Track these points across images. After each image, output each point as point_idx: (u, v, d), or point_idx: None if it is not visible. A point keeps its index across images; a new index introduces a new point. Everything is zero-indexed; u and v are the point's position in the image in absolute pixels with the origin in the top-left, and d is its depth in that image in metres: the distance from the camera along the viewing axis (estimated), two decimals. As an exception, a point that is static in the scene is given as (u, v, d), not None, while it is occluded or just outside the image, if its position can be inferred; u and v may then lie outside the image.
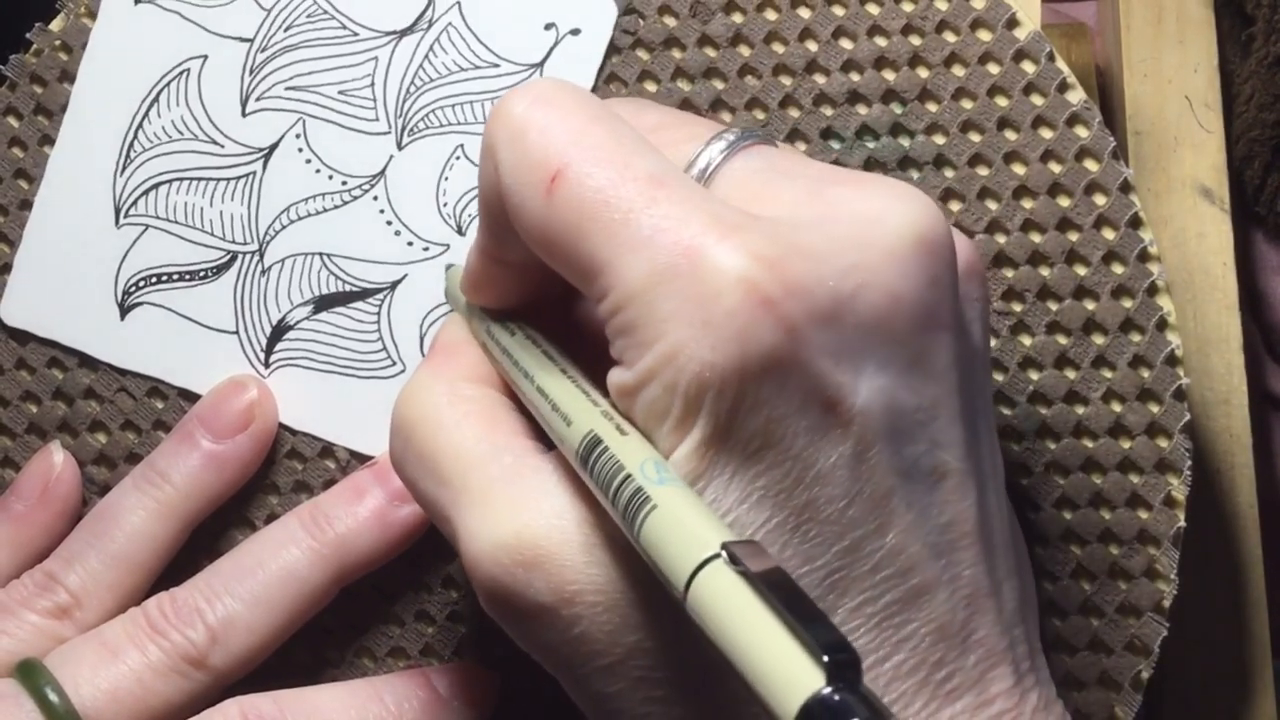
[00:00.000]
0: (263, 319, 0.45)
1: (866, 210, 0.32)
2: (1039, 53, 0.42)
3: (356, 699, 0.42)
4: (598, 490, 0.32)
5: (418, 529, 0.43)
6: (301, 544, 0.43)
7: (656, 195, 0.32)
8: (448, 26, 0.44)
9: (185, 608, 0.42)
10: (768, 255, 0.31)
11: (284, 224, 0.45)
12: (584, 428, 0.32)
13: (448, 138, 0.44)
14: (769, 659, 0.27)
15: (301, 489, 0.45)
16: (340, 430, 0.45)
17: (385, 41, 0.45)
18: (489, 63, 0.44)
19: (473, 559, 0.33)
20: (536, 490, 0.34)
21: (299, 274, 0.45)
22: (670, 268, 0.31)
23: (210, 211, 0.45)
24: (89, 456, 0.46)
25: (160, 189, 0.45)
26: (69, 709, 0.40)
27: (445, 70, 0.44)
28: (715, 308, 0.31)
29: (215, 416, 0.44)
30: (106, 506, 0.44)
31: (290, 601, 0.42)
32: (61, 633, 0.43)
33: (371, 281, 0.44)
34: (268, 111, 0.45)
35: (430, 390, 0.37)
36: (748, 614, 0.27)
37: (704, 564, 0.28)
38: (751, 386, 0.31)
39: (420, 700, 0.42)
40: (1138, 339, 0.41)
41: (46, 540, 0.45)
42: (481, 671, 0.43)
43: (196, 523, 0.44)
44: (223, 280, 0.45)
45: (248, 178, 0.45)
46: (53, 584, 0.43)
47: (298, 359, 0.45)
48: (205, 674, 0.42)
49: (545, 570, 0.33)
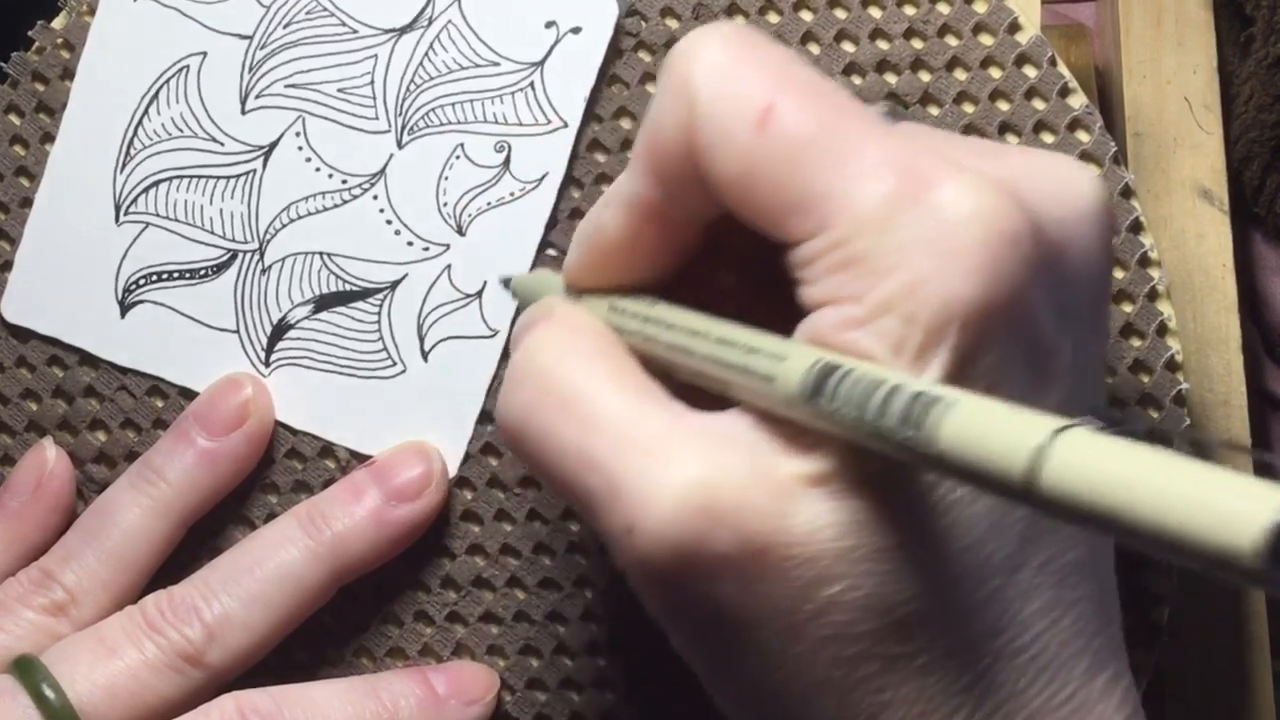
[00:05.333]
0: (263, 318, 0.45)
1: (1058, 171, 0.32)
2: (1041, 57, 0.42)
3: (353, 695, 0.42)
4: (837, 421, 0.29)
5: (415, 529, 0.43)
6: (299, 543, 0.43)
7: (871, 130, 0.31)
8: (448, 24, 0.44)
9: (183, 606, 0.42)
10: (1005, 191, 0.30)
11: (284, 222, 0.45)
12: (807, 359, 0.30)
13: (447, 136, 0.44)
14: (1200, 499, 0.22)
15: (301, 488, 0.45)
16: (340, 430, 0.45)
17: (385, 39, 0.44)
18: (489, 61, 0.44)
19: (640, 505, 0.30)
20: (717, 439, 0.31)
21: (299, 273, 0.45)
22: (906, 195, 0.30)
23: (210, 210, 0.45)
24: (89, 455, 0.46)
25: (160, 187, 0.45)
26: (65, 705, 0.40)
27: (445, 68, 0.44)
28: (961, 236, 0.29)
29: (210, 414, 0.44)
30: (103, 504, 0.44)
31: (287, 600, 0.42)
32: (58, 630, 0.43)
33: (372, 281, 0.44)
34: (267, 109, 0.45)
35: (570, 338, 0.34)
36: (1151, 463, 0.23)
37: (1058, 433, 0.25)
38: (993, 324, 0.29)
39: (417, 698, 0.42)
40: (1138, 344, 0.41)
41: (41, 536, 0.45)
42: (480, 670, 0.43)
43: (192, 520, 0.44)
44: (223, 279, 0.45)
45: (247, 176, 0.45)
46: (49, 581, 0.43)
47: (298, 358, 0.45)
48: (202, 672, 0.42)
49: (733, 520, 0.30)
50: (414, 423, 0.44)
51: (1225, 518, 0.22)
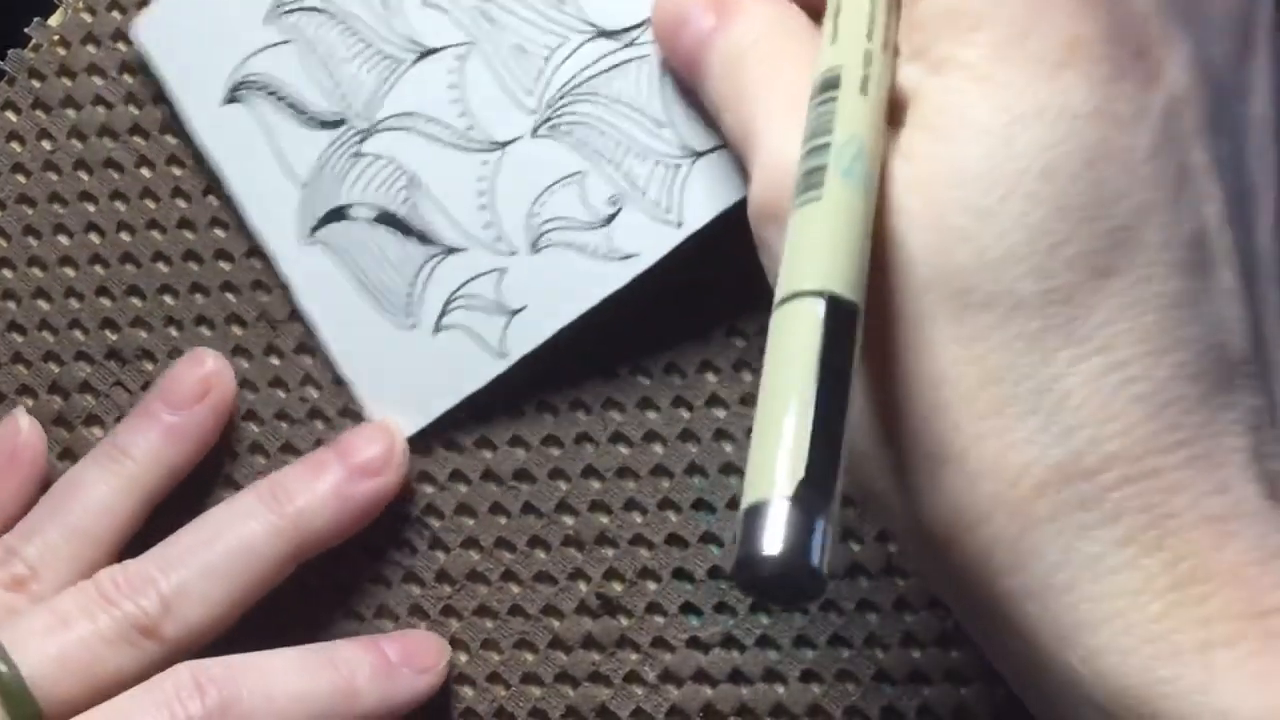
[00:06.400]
0: (332, 190, 0.44)
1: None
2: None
3: (308, 663, 0.42)
4: (803, 136, 0.30)
5: (376, 505, 0.43)
6: (259, 518, 0.42)
7: None
8: (643, 58, 0.42)
9: (138, 578, 0.42)
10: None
11: (400, 126, 0.44)
12: (834, 59, 0.31)
13: (577, 157, 0.42)
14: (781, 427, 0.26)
15: (289, 450, 0.45)
16: (332, 333, 0.44)
17: (584, 31, 0.42)
18: (656, 121, 0.42)
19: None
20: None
21: (383, 178, 0.44)
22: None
23: (348, 67, 0.44)
24: (85, 450, 0.45)
25: (314, 14, 0.44)
26: (16, 676, 0.40)
27: (616, 96, 0.42)
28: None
29: (173, 389, 0.44)
30: (68, 481, 0.44)
31: (246, 574, 0.42)
32: (17, 605, 0.42)
33: (434, 232, 0.44)
34: (447, 17, 0.43)
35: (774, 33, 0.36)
36: (795, 367, 0.27)
37: (804, 295, 0.28)
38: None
39: (371, 665, 0.42)
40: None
41: (14, 507, 0.45)
42: (430, 638, 0.44)
43: (159, 496, 0.44)
44: (318, 134, 0.44)
45: (394, 62, 0.44)
46: (10, 557, 0.43)
47: (338, 248, 0.44)
48: (157, 644, 0.41)
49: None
50: (394, 376, 0.44)
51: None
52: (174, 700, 0.40)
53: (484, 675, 0.44)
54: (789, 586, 0.26)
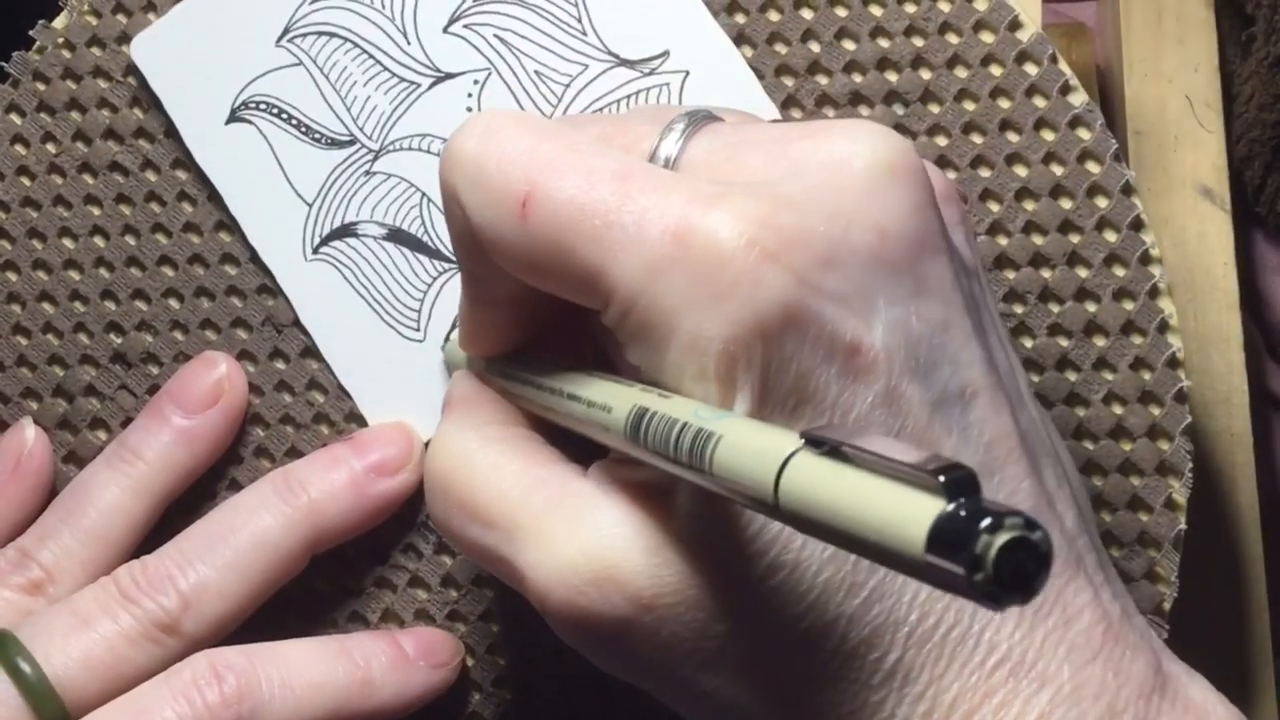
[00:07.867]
0: (339, 209, 0.44)
1: (833, 155, 0.32)
2: (1041, 55, 0.42)
3: (325, 653, 0.42)
4: (656, 457, 0.31)
5: (391, 505, 0.43)
6: (274, 509, 0.43)
7: (628, 189, 0.32)
8: (664, 86, 0.43)
9: (157, 575, 0.42)
10: (756, 213, 0.31)
11: (413, 146, 0.44)
12: (626, 406, 0.32)
13: None
14: (882, 506, 0.25)
15: (294, 455, 0.45)
16: (338, 358, 0.44)
17: (603, 60, 0.43)
18: None
19: (541, 591, 0.33)
20: (588, 507, 0.33)
21: (394, 196, 0.44)
22: (664, 256, 0.31)
23: (360, 90, 0.44)
24: (90, 454, 0.46)
25: (329, 39, 0.45)
26: (41, 679, 0.40)
27: None
28: (720, 278, 0.30)
29: (185, 393, 0.44)
30: (80, 484, 0.44)
31: (262, 567, 0.42)
32: (34, 609, 0.43)
33: (448, 249, 0.44)
34: (466, 44, 0.44)
35: (458, 439, 0.37)
36: (848, 480, 0.26)
37: (787, 461, 0.27)
38: (775, 345, 0.31)
39: (389, 657, 0.42)
40: (1139, 341, 0.41)
41: (20, 514, 0.45)
42: (445, 635, 0.44)
43: (170, 499, 0.44)
44: (329, 154, 0.45)
45: (410, 86, 0.44)
46: (26, 560, 0.43)
47: (343, 264, 0.44)
48: (178, 640, 0.42)
49: (617, 583, 0.32)
50: (398, 388, 0.44)
51: (898, 528, 0.25)
52: (192, 688, 0.40)
53: (490, 680, 0.44)
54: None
